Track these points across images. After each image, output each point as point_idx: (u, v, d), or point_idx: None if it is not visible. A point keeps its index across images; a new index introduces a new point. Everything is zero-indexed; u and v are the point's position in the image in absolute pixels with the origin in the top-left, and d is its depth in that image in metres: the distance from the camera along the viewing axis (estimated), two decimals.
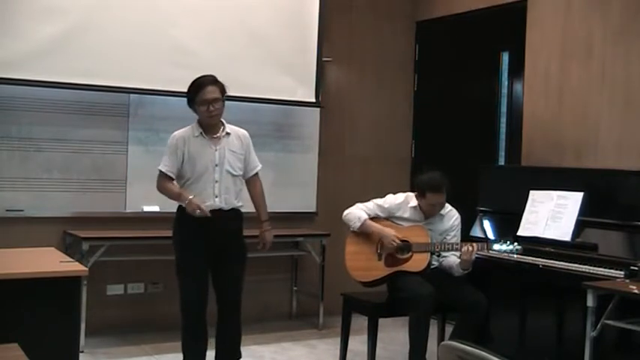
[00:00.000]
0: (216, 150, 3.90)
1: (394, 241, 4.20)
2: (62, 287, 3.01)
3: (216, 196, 3.87)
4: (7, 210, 4.79)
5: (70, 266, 3.17)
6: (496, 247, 4.20)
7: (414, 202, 4.35)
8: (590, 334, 3.58)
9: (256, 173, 4.10)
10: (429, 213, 4.31)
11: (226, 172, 3.91)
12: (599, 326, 3.55)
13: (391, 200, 4.40)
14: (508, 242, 4.15)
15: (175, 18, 5.14)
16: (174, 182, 3.95)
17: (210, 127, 3.92)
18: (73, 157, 5.00)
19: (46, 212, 4.90)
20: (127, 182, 5.16)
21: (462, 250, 4.15)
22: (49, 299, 2.99)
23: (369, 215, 4.33)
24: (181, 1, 5.17)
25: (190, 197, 3.79)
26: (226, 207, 3.91)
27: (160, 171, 3.92)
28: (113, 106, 5.09)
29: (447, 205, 4.37)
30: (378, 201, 4.40)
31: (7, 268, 3.04)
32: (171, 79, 5.10)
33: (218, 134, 3.93)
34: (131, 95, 5.12)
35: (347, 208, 4.43)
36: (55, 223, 4.94)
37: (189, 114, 5.16)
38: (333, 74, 6.04)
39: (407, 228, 4.30)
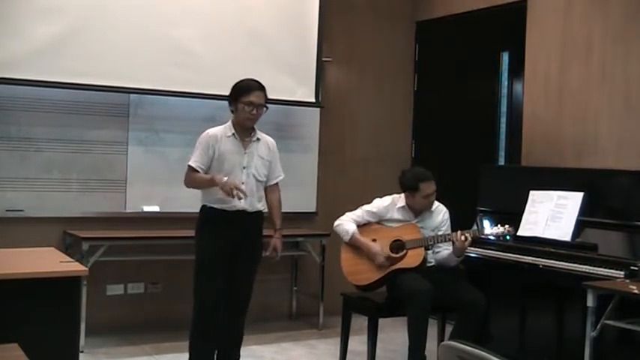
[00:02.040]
0: (245, 153, 3.96)
1: (379, 258, 4.22)
2: (62, 287, 3.01)
3: (241, 199, 3.89)
4: (7, 210, 4.79)
5: (70, 266, 3.17)
6: (487, 231, 4.23)
7: (401, 202, 4.36)
8: (590, 334, 3.58)
9: (277, 183, 4.15)
10: (423, 207, 4.31)
11: (252, 175, 3.96)
12: (599, 326, 3.55)
13: (379, 204, 4.42)
14: (498, 225, 4.17)
15: (175, 18, 5.14)
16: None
17: (243, 129, 3.96)
18: (73, 157, 5.00)
19: (46, 212, 4.90)
20: (127, 182, 5.16)
21: (456, 237, 4.14)
22: (49, 299, 2.98)
23: (358, 223, 4.36)
24: (181, 2, 5.17)
25: (225, 178, 3.81)
26: (250, 209, 3.95)
27: (190, 166, 3.94)
28: (113, 106, 5.09)
29: (435, 201, 4.38)
30: (366, 207, 4.42)
31: (7, 268, 3.04)
32: (172, 79, 5.11)
33: (249, 138, 3.98)
34: (131, 95, 5.12)
35: (346, 209, 4.45)
36: (55, 223, 4.94)
37: (190, 114, 5.20)
38: (333, 74, 6.04)
39: (398, 228, 4.31)
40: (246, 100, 3.90)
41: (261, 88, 3.96)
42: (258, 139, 4.02)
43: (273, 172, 4.11)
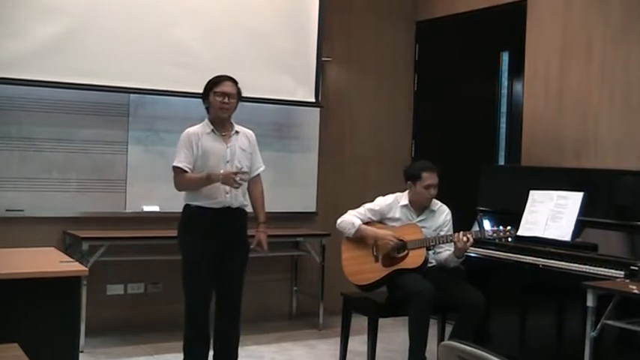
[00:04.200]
0: (227, 147, 3.96)
1: (391, 241, 4.21)
2: (62, 287, 3.01)
3: (227, 193, 3.91)
4: (7, 210, 4.79)
5: (70, 266, 3.17)
6: (488, 233, 4.22)
7: (404, 200, 4.36)
8: (590, 334, 3.58)
9: (258, 175, 4.14)
10: (423, 199, 4.31)
11: (236, 168, 3.94)
12: (599, 326, 3.55)
13: (381, 202, 4.42)
14: (500, 226, 4.17)
15: (175, 18, 5.14)
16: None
17: (220, 123, 3.98)
18: (73, 157, 5.00)
19: (46, 212, 4.90)
20: (127, 182, 5.16)
21: (457, 238, 4.13)
22: (49, 299, 2.98)
23: (362, 220, 4.35)
24: (181, 1, 5.17)
25: (222, 172, 3.82)
26: (235, 205, 3.95)
27: (177, 167, 3.94)
28: (113, 106, 5.09)
29: (437, 201, 4.38)
30: (369, 205, 4.42)
31: (7, 268, 3.04)
32: (172, 79, 5.11)
33: (228, 132, 4.00)
34: (131, 95, 5.12)
35: (346, 210, 4.45)
36: (55, 223, 4.94)
37: (190, 114, 5.18)
38: (333, 74, 6.04)
39: (400, 227, 4.31)
40: (217, 91, 3.94)
41: (231, 79, 4.00)
42: (237, 132, 4.03)
43: (254, 164, 4.10)
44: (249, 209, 4.09)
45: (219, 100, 3.93)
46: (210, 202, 3.89)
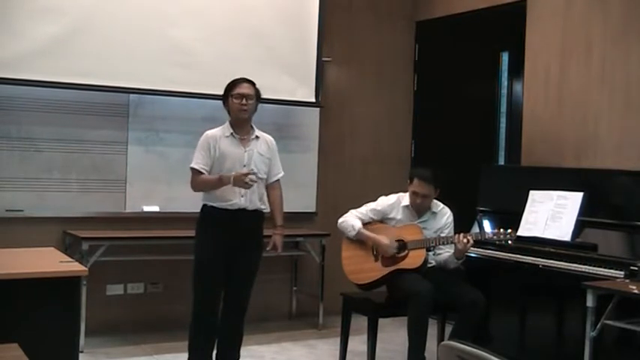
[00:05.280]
0: (245, 151, 4.00)
1: (388, 251, 4.22)
2: (62, 287, 3.01)
3: (242, 196, 3.95)
4: (7, 210, 4.79)
5: (70, 266, 3.17)
6: (488, 235, 4.23)
7: (405, 201, 4.37)
8: (590, 334, 3.59)
9: (278, 180, 4.18)
10: (412, 203, 4.32)
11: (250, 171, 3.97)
12: (598, 326, 3.55)
13: (383, 202, 4.42)
14: (501, 229, 4.17)
15: (175, 18, 5.14)
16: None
17: (240, 126, 4.02)
18: (73, 157, 5.00)
19: (46, 212, 4.90)
20: (126, 182, 5.16)
21: (457, 239, 4.14)
22: (49, 299, 2.99)
23: (362, 221, 4.36)
24: (181, 2, 5.17)
25: (233, 174, 3.85)
26: (250, 207, 3.98)
27: (194, 169, 3.99)
28: (113, 106, 5.09)
29: (439, 203, 4.39)
30: (371, 205, 4.42)
31: (7, 268, 3.04)
32: (172, 79, 5.11)
33: (248, 136, 4.03)
34: (131, 95, 5.12)
35: (346, 210, 4.46)
36: (55, 223, 4.93)
37: (190, 114, 5.21)
38: (333, 74, 6.04)
39: (401, 227, 4.32)
40: (234, 93, 3.99)
41: (248, 81, 4.05)
42: (257, 137, 4.07)
43: (273, 170, 4.15)
44: (266, 211, 4.13)
45: (237, 102, 3.97)
46: (224, 203, 3.94)
